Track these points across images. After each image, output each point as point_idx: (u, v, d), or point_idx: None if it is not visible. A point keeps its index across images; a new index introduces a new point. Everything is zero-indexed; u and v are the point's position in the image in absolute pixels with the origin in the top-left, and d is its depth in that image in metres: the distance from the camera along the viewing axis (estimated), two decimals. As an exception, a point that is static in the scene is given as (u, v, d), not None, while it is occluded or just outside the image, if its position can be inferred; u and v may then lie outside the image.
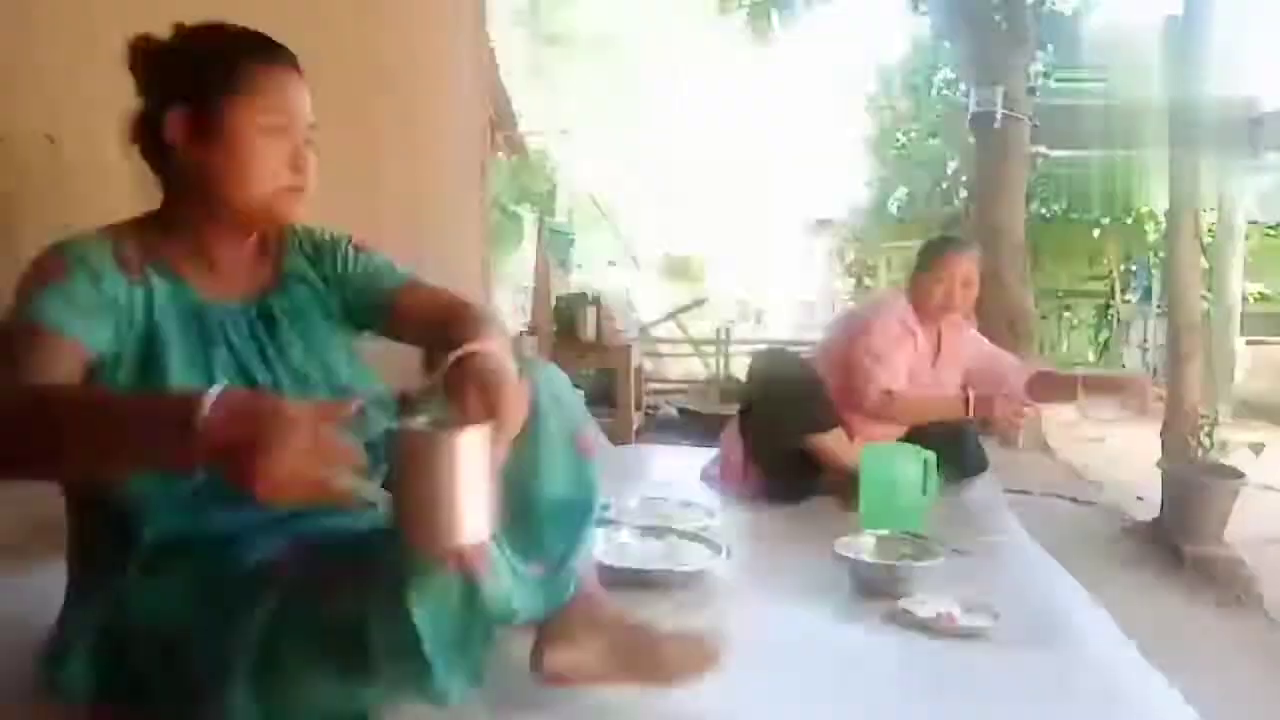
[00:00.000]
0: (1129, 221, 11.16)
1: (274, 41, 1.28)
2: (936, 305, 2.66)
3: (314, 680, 1.01)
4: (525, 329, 6.12)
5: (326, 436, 0.82)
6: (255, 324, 1.24)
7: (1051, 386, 2.77)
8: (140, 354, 1.13)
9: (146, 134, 1.21)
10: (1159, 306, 10.22)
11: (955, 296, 2.63)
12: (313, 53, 1.43)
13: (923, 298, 2.68)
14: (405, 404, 1.31)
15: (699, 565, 1.78)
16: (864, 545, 1.85)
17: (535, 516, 1.20)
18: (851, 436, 2.60)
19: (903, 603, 1.65)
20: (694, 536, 1.93)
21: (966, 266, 2.64)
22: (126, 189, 1.26)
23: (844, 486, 2.39)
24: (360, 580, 0.98)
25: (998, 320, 5.86)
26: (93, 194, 2.26)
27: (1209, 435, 3.27)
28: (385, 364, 1.44)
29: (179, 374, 1.13)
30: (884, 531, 1.91)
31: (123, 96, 1.25)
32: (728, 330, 8.99)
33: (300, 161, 1.22)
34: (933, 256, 2.70)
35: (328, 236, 1.41)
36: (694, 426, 5.59)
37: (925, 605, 1.63)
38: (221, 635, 1.01)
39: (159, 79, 1.20)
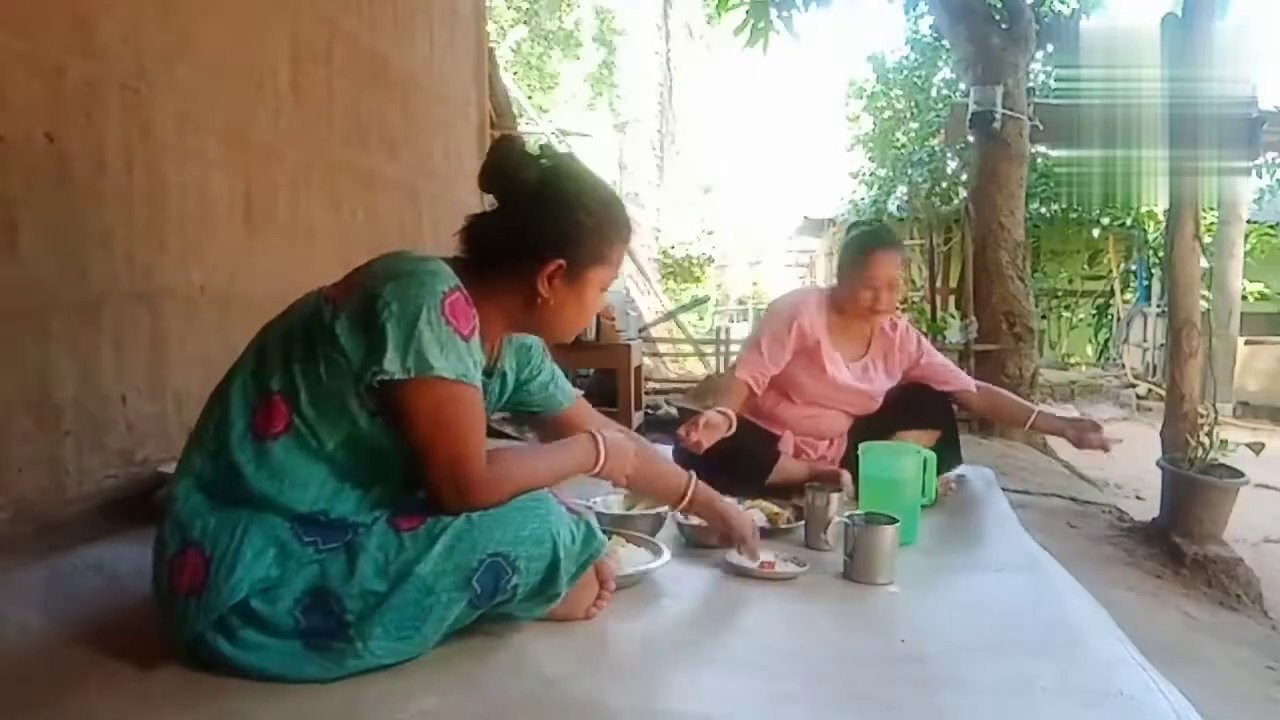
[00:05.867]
0: (1129, 221, 11.17)
1: (626, 213, 1.59)
2: (863, 306, 2.54)
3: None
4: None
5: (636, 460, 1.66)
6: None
7: (1002, 410, 2.81)
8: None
9: (496, 237, 1.47)
10: (1159, 306, 10.24)
11: (881, 300, 2.52)
12: (315, 52, 1.43)
13: (846, 296, 2.59)
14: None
15: (639, 568, 1.83)
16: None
17: None
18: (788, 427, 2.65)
19: (725, 554, 1.96)
20: (640, 540, 1.97)
21: (891, 268, 2.51)
22: (127, 188, 1.26)
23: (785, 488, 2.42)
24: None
25: (997, 319, 5.86)
26: (93, 194, 2.26)
27: (1209, 435, 3.26)
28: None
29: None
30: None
31: (122, 94, 1.25)
32: (727, 330, 8.99)
33: (599, 311, 1.59)
34: (855, 254, 2.57)
35: (528, 343, 1.75)
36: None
37: (740, 555, 1.94)
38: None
39: (546, 223, 1.45)
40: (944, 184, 11.22)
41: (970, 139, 6.25)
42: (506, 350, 1.66)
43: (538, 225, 1.44)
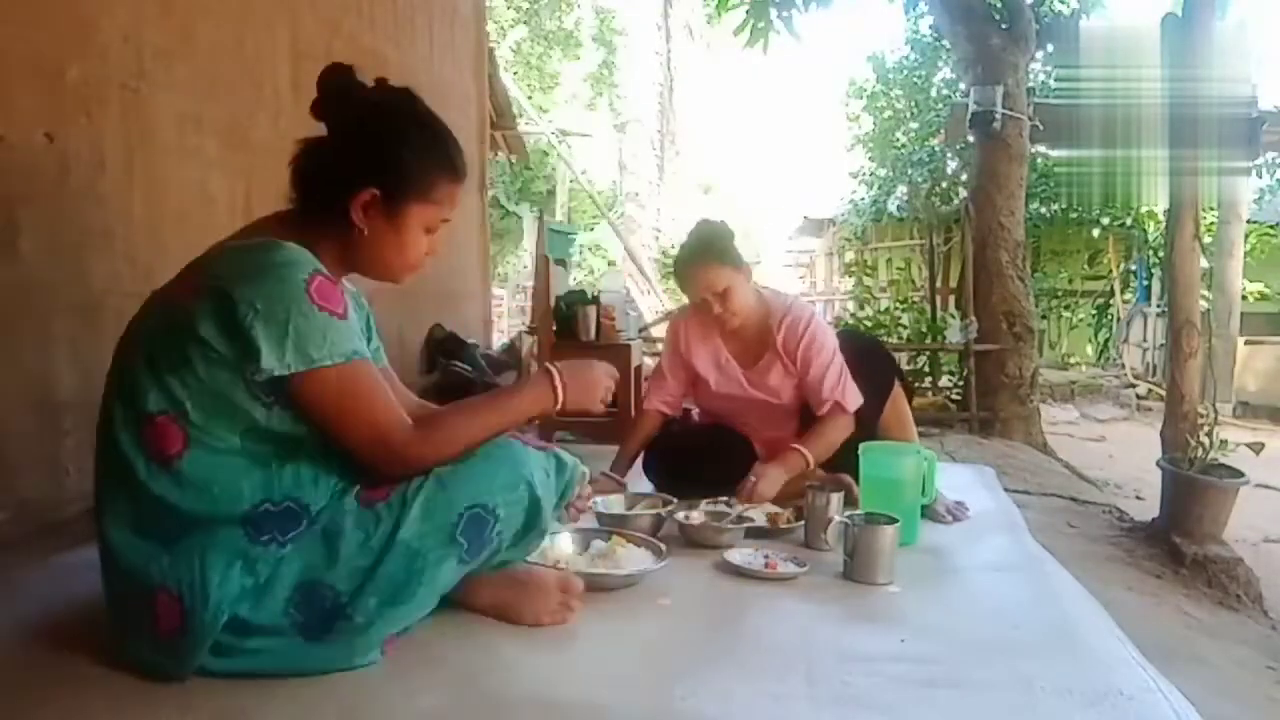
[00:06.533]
0: (1129, 221, 11.17)
1: (464, 159, 1.50)
2: (712, 317, 2.49)
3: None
4: (525, 329, 6.12)
5: (608, 375, 1.66)
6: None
7: (806, 441, 2.42)
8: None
9: (317, 169, 1.42)
10: (1159, 306, 10.24)
11: (717, 309, 2.44)
12: (315, 52, 1.43)
13: (699, 310, 2.55)
14: None
15: (639, 568, 1.83)
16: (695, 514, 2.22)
17: None
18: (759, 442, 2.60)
19: (725, 554, 1.97)
20: (640, 540, 1.97)
21: (702, 282, 2.43)
22: (127, 188, 1.26)
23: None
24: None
25: (997, 319, 5.86)
26: (93, 194, 2.26)
27: (1209, 435, 3.26)
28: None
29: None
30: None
31: (122, 94, 1.25)
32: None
33: (430, 253, 1.50)
34: (675, 274, 2.58)
35: (365, 307, 1.68)
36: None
37: (740, 555, 1.97)
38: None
39: (364, 150, 1.40)
40: (944, 184, 11.21)
41: (970, 139, 6.25)
42: (350, 300, 1.51)
43: (357, 152, 1.40)
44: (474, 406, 1.50)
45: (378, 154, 1.39)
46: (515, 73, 16.60)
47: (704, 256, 2.45)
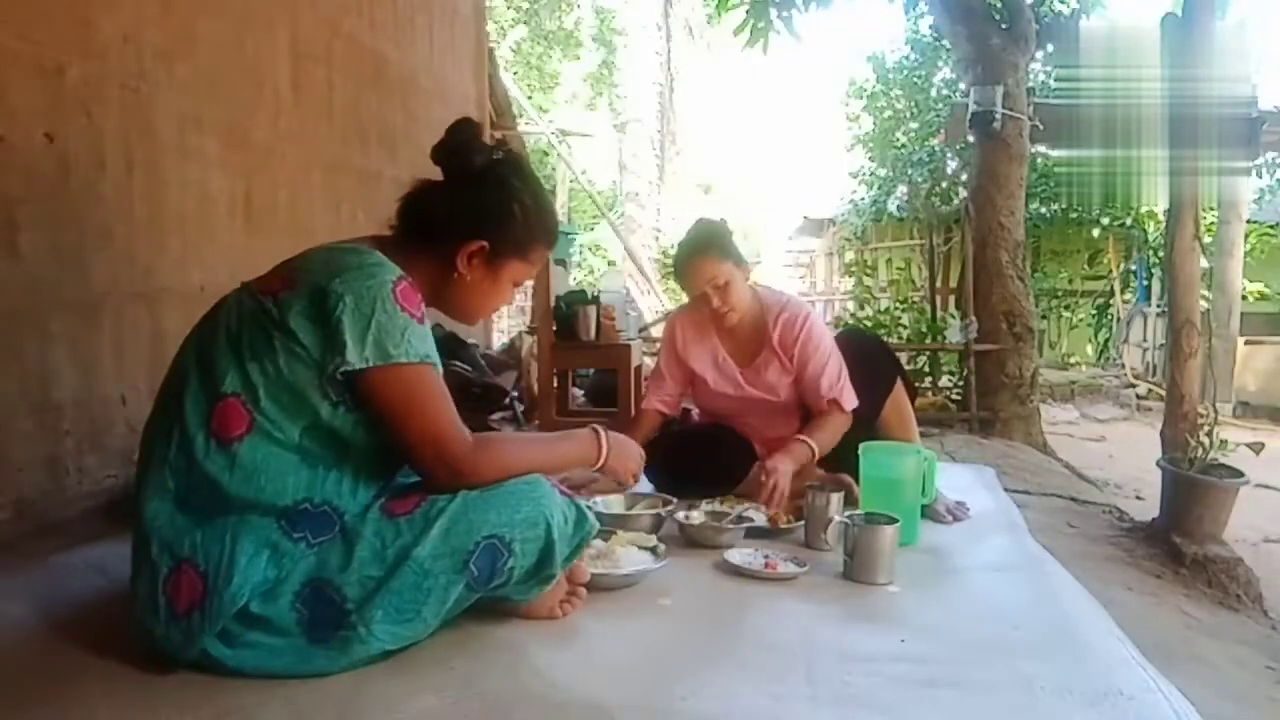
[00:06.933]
0: (1129, 221, 11.17)
1: (558, 226, 1.67)
2: (710, 312, 2.49)
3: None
4: (525, 329, 6.12)
5: (642, 458, 1.82)
6: None
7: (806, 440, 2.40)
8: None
9: (431, 210, 1.53)
10: (1159, 306, 10.24)
11: (716, 304, 2.45)
12: (315, 52, 1.43)
13: (696, 309, 2.57)
14: None
15: (639, 568, 1.83)
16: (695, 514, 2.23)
17: None
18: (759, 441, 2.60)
19: (725, 554, 1.98)
20: (640, 540, 1.97)
21: (704, 275, 2.43)
22: (127, 188, 1.26)
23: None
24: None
25: (997, 319, 5.86)
26: (93, 194, 2.26)
27: (1209, 435, 3.26)
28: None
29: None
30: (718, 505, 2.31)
31: (122, 94, 1.25)
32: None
33: (507, 303, 1.69)
34: (675, 270, 2.57)
35: None
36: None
37: (740, 555, 1.98)
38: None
39: (482, 206, 1.53)
40: (944, 184, 11.20)
41: (970, 139, 6.24)
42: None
43: (474, 204, 1.52)
44: (528, 440, 1.67)
45: (494, 212, 1.53)
46: (515, 73, 16.59)
47: (706, 250, 2.47)
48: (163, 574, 1.31)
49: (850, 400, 2.48)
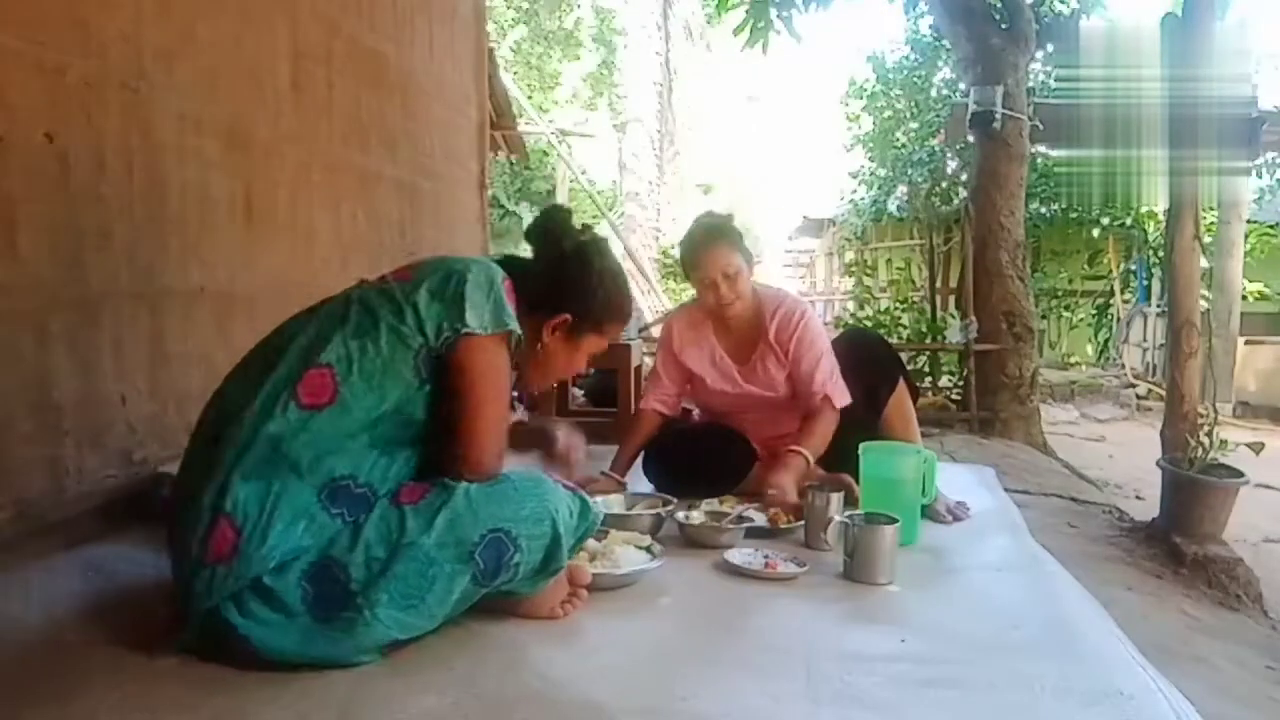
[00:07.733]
0: (1129, 221, 11.17)
1: (631, 305, 1.86)
2: (712, 304, 2.49)
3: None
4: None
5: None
6: None
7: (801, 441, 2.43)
8: None
9: (520, 283, 1.63)
10: (1159, 306, 10.23)
11: (722, 293, 2.45)
12: (315, 52, 1.43)
13: (700, 300, 2.56)
14: None
15: (638, 568, 1.84)
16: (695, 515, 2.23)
17: None
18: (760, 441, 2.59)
19: (725, 554, 1.98)
20: (639, 540, 1.97)
21: (719, 262, 2.44)
22: (127, 188, 1.26)
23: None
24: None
25: (997, 319, 5.86)
26: (93, 194, 2.26)
27: (1209, 435, 3.26)
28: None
29: None
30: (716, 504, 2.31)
31: (122, 94, 1.25)
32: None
33: (578, 372, 1.88)
34: (685, 256, 2.54)
35: None
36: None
37: (740, 555, 1.98)
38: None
39: (571, 284, 1.72)
40: (944, 184, 11.19)
41: (970, 139, 6.25)
42: None
43: (563, 281, 1.71)
44: None
45: (580, 290, 1.71)
46: (515, 73, 16.58)
47: (721, 237, 2.51)
48: (203, 523, 1.34)
49: (842, 397, 2.50)
